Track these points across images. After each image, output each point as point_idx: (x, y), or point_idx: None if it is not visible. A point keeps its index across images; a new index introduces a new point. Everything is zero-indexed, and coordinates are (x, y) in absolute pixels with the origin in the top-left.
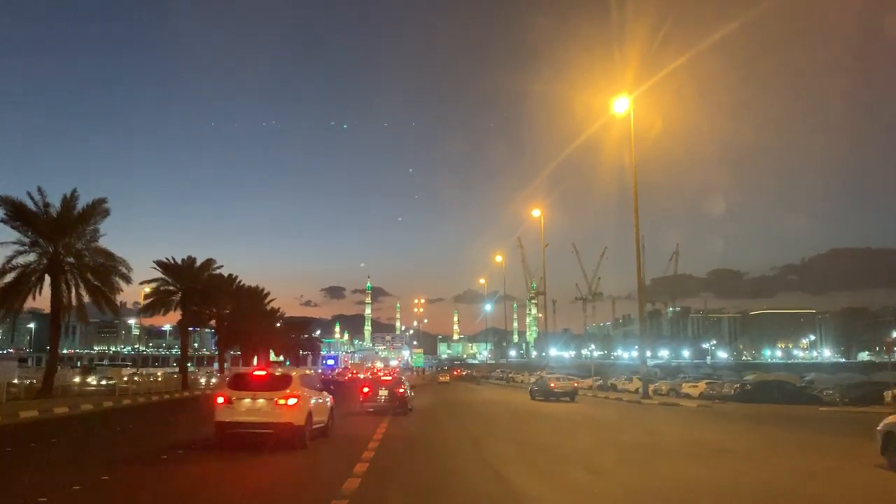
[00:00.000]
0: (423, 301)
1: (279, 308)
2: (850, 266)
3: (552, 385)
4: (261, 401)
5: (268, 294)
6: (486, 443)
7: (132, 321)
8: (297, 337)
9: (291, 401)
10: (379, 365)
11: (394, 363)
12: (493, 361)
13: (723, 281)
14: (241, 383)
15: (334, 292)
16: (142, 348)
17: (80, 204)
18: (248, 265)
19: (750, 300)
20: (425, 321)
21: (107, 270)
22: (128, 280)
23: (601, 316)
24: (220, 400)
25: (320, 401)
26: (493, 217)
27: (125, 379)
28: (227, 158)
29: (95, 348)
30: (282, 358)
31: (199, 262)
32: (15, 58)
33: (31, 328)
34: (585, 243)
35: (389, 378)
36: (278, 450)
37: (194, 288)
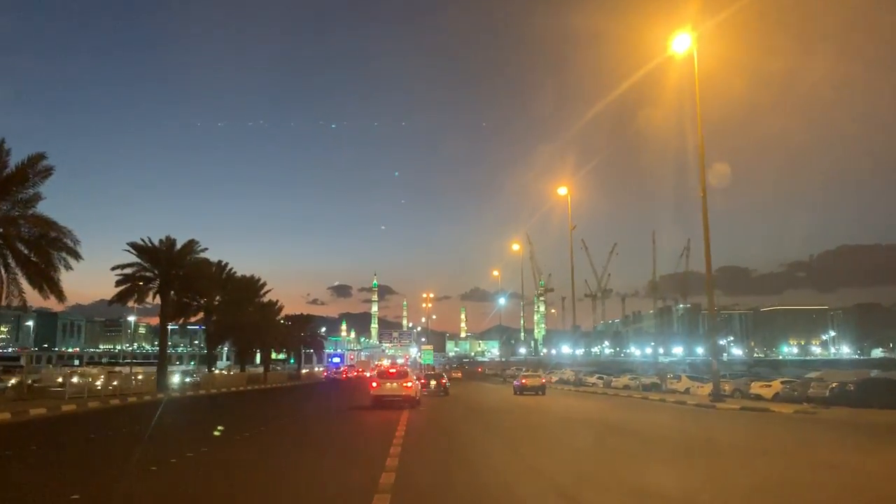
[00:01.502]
0: (431, 296)
1: (278, 301)
2: (859, 263)
3: (524, 381)
4: (395, 384)
5: (264, 284)
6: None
7: (131, 318)
8: (300, 333)
9: (409, 384)
10: (386, 363)
11: (400, 361)
12: (503, 359)
13: (730, 278)
14: (383, 375)
15: (341, 291)
16: (147, 347)
17: (13, 161)
18: (255, 265)
19: (758, 297)
20: (434, 317)
21: (47, 243)
22: (76, 255)
23: (609, 313)
24: (374, 385)
25: (418, 385)
26: (501, 215)
27: (59, 380)
28: (233, 159)
29: (101, 347)
30: (283, 356)
31: (179, 244)
32: (16, 56)
33: (32, 326)
34: (593, 241)
35: (441, 374)
36: (402, 408)
37: (175, 274)
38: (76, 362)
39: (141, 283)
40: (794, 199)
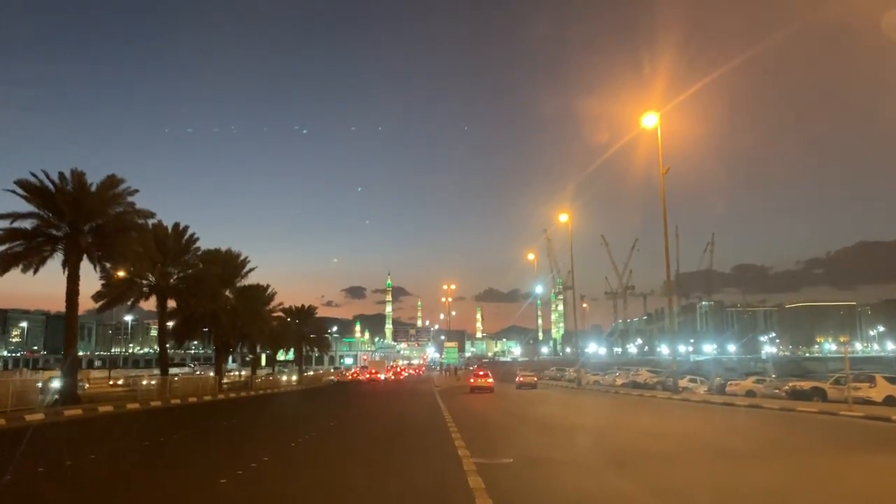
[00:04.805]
0: (452, 287)
1: (268, 286)
2: (878, 259)
3: (521, 379)
4: (482, 380)
5: (245, 261)
6: None
7: (128, 318)
8: (301, 329)
9: (490, 380)
10: (402, 363)
11: (416, 362)
12: (525, 359)
13: (747, 276)
14: (476, 374)
15: (355, 292)
16: (156, 349)
17: None
18: (268, 267)
19: (774, 295)
20: (453, 314)
21: None
22: None
23: (631, 311)
24: (472, 380)
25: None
26: (513, 216)
27: None
28: (245, 162)
29: (114, 350)
30: (285, 356)
31: (95, 184)
32: (28, 61)
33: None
34: (610, 238)
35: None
36: (486, 393)
37: (89, 228)
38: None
39: (35, 242)
40: (812, 196)
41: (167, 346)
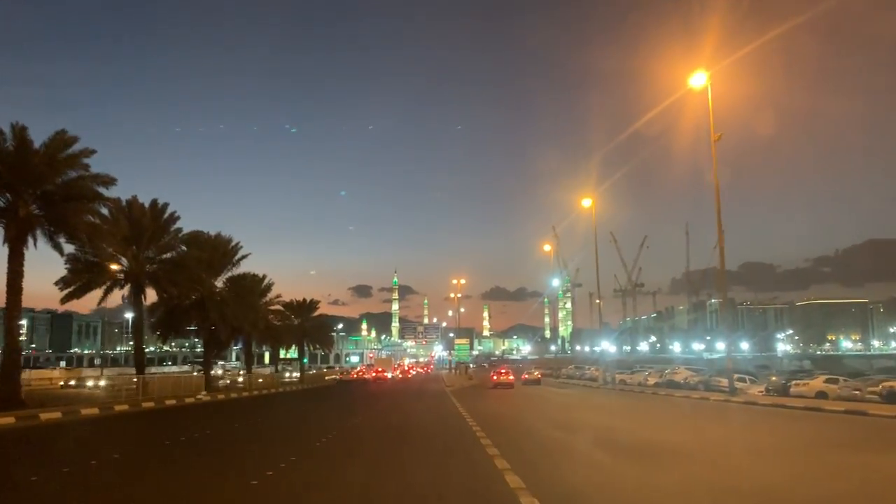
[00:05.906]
0: (462, 282)
1: (265, 276)
2: (887, 257)
3: (525, 377)
4: (503, 378)
5: (237, 247)
6: None
7: (128, 315)
8: (303, 325)
9: (511, 377)
10: (409, 361)
11: (424, 360)
12: (534, 357)
13: (754, 274)
14: (499, 374)
15: (362, 291)
16: (165, 348)
17: None
18: (273, 267)
19: (782, 293)
20: (462, 311)
21: None
22: None
23: (641, 309)
24: (495, 377)
25: (513, 378)
26: (520, 215)
27: None
28: (251, 161)
29: (119, 349)
30: (286, 353)
31: (43, 143)
32: (22, 61)
33: (40, 328)
34: (619, 236)
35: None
36: (507, 388)
37: (34, 194)
38: (62, 364)
39: None
40: (819, 194)
41: (156, 342)
